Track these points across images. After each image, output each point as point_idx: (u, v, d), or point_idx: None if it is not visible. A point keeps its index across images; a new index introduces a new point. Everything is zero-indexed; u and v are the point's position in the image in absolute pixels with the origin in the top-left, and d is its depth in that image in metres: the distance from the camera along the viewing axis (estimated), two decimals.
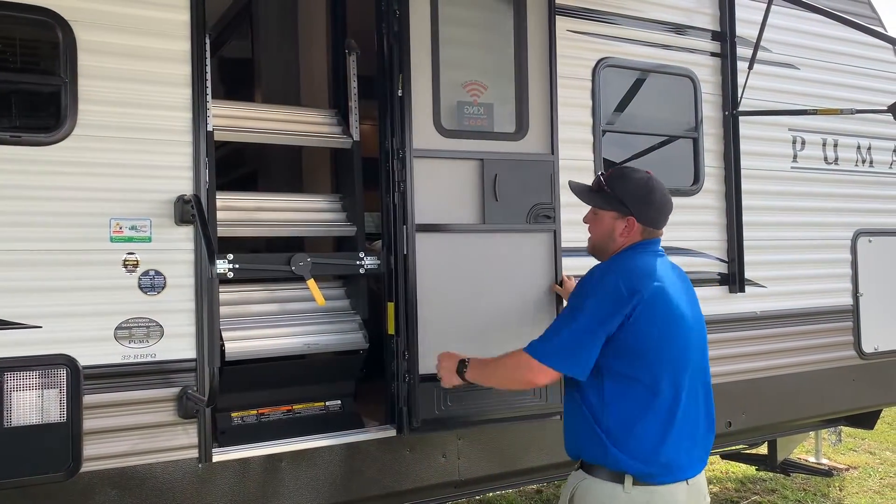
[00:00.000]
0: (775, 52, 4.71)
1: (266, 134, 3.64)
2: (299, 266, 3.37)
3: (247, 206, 3.56)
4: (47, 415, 2.76)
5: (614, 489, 2.43)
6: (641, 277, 2.51)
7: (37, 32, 2.89)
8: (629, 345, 2.46)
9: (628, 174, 2.74)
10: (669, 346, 2.49)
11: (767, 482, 6.31)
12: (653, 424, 2.44)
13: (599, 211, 2.72)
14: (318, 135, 3.78)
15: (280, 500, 3.22)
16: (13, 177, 2.77)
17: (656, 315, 2.47)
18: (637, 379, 2.46)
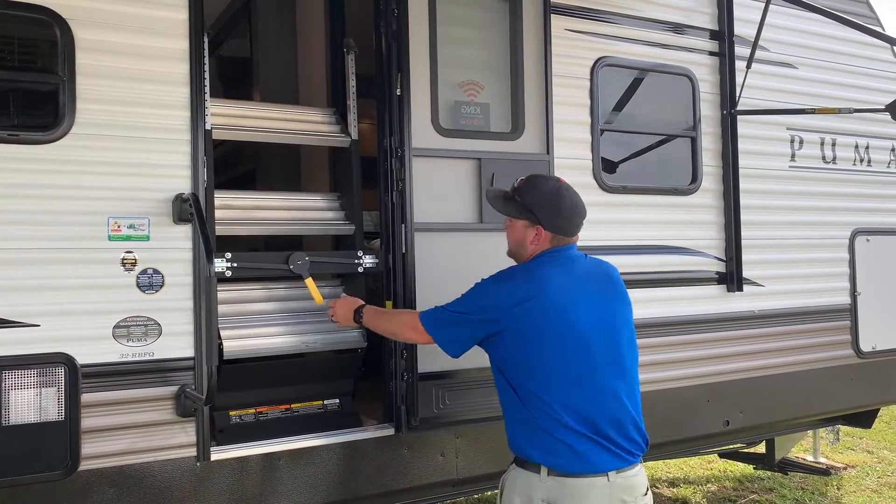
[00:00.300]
0: (773, 52, 4.71)
1: (264, 132, 3.63)
2: (297, 265, 3.35)
3: (245, 205, 3.55)
4: (45, 413, 2.76)
5: (532, 478, 2.57)
6: (527, 293, 2.62)
7: (35, 31, 2.88)
8: (513, 355, 2.62)
9: (538, 183, 2.83)
10: (554, 359, 2.57)
11: (765, 481, 6.32)
12: (552, 424, 2.55)
13: (512, 220, 2.82)
14: (316, 133, 3.76)
15: (278, 499, 3.23)
16: (11, 175, 2.77)
17: (536, 328, 2.58)
18: (529, 386, 2.59)
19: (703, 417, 4.35)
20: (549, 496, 2.54)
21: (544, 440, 2.56)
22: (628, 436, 2.61)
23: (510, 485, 2.66)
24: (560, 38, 3.92)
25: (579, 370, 2.58)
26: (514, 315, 2.61)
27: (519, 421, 2.64)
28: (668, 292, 4.25)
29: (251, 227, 3.52)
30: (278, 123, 3.68)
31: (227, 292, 3.34)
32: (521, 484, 2.60)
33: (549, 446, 2.55)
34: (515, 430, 2.66)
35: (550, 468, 2.54)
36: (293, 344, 3.39)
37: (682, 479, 6.49)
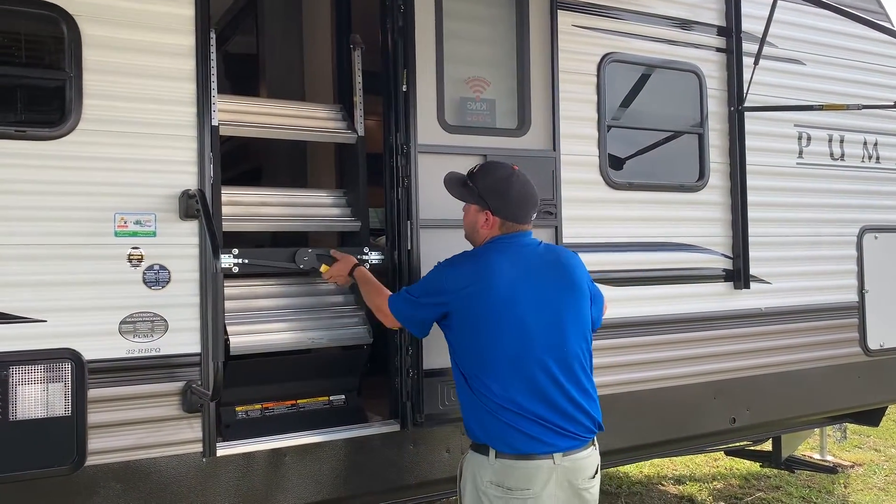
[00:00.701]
0: (781, 48, 4.69)
1: (271, 129, 3.62)
2: (304, 260, 3.36)
3: (252, 201, 3.55)
4: (52, 408, 2.77)
5: (483, 461, 2.65)
6: (472, 278, 2.71)
7: (42, 27, 2.89)
8: (459, 339, 2.74)
9: (491, 169, 2.91)
10: (497, 340, 2.64)
11: (772, 479, 6.30)
12: (496, 407, 2.62)
13: (466, 205, 2.92)
14: (322, 130, 3.75)
15: (284, 495, 3.23)
16: (18, 171, 2.77)
17: (479, 313, 2.66)
18: (473, 370, 2.68)
19: (709, 415, 4.34)
20: (496, 478, 2.61)
21: (490, 423, 2.64)
22: (574, 419, 2.65)
23: (466, 468, 2.76)
24: (567, 34, 3.90)
25: (518, 355, 2.64)
26: (459, 298, 2.70)
27: (467, 404, 2.73)
28: (675, 289, 4.24)
29: (258, 224, 3.52)
30: (285, 120, 3.68)
31: (234, 287, 3.35)
32: (473, 466, 2.70)
33: (495, 429, 2.63)
34: (466, 414, 2.75)
35: (497, 451, 2.62)
36: (299, 340, 3.39)
37: (688, 476, 6.48)
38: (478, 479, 2.65)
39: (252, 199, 3.56)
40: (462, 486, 2.77)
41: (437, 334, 3.36)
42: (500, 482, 2.60)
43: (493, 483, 2.61)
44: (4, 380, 2.70)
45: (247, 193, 3.59)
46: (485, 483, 2.62)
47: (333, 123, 3.79)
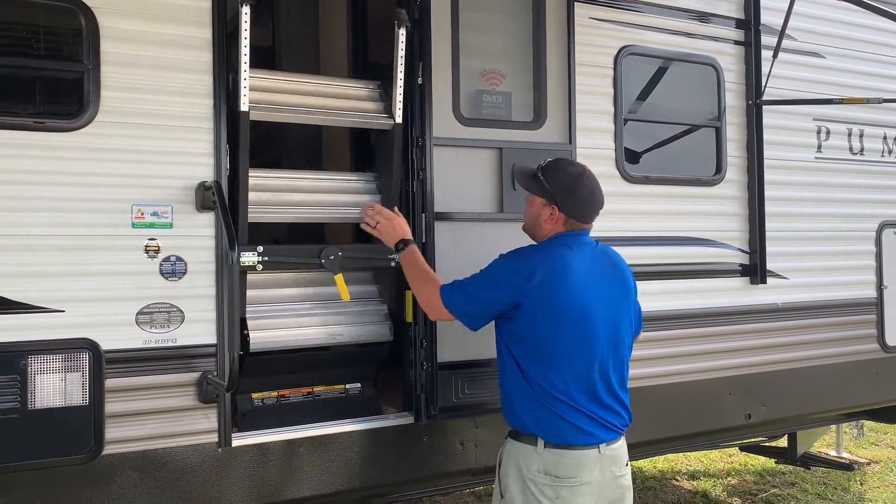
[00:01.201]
0: (800, 41, 4.64)
1: (303, 113, 3.36)
2: (329, 260, 3.27)
3: (278, 186, 3.38)
4: (70, 398, 2.80)
5: (529, 450, 2.71)
6: (545, 272, 2.73)
7: (60, 19, 2.91)
8: (523, 331, 2.74)
9: (562, 166, 2.94)
10: (563, 335, 2.71)
11: (787, 475, 6.27)
12: (551, 399, 2.70)
13: (531, 196, 2.94)
14: (357, 112, 3.47)
15: (298, 485, 3.25)
16: (36, 162, 2.80)
17: (549, 306, 2.71)
18: (534, 362, 2.72)
19: (724, 410, 4.32)
20: (545, 467, 2.68)
21: (544, 414, 2.70)
22: (616, 412, 2.80)
23: (508, 457, 2.78)
24: (583, 27, 3.88)
25: (580, 352, 2.73)
26: (529, 291, 2.72)
27: (519, 393, 2.76)
28: (691, 284, 4.21)
29: (284, 213, 3.37)
30: (318, 101, 3.43)
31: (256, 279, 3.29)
32: (519, 455, 2.74)
33: (549, 420, 2.70)
34: (516, 403, 2.77)
35: (547, 441, 2.69)
36: (320, 336, 3.35)
37: (703, 471, 6.46)
38: (523, 468, 2.71)
39: (279, 184, 3.39)
40: (503, 475, 2.79)
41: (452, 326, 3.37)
42: (549, 471, 2.68)
43: (541, 471, 2.68)
44: (23, 369, 2.73)
45: (274, 177, 3.41)
46: (532, 472, 2.69)
47: (371, 105, 3.53)
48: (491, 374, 3.50)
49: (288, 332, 3.30)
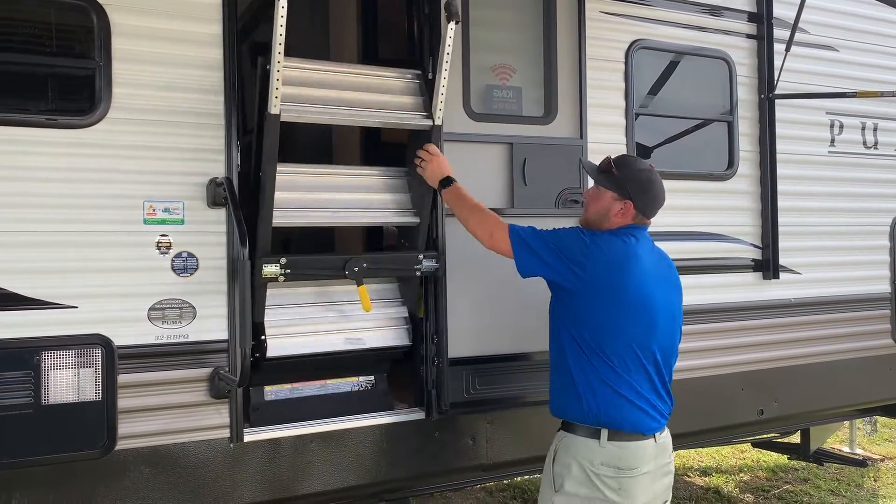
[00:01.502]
0: (813, 34, 4.61)
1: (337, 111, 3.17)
2: (353, 272, 3.17)
3: (305, 184, 3.23)
4: (83, 393, 2.81)
5: (591, 444, 2.74)
6: (619, 256, 2.80)
7: (71, 16, 2.91)
8: (589, 312, 2.78)
9: (634, 163, 3.02)
10: (623, 324, 2.77)
11: (800, 471, 6.24)
12: (619, 383, 2.75)
13: (602, 190, 2.96)
14: (395, 109, 3.29)
15: (310, 481, 3.26)
16: (49, 159, 2.81)
17: (618, 291, 2.77)
18: (601, 345, 2.76)
19: (736, 406, 4.30)
20: (609, 459, 2.72)
21: (610, 398, 2.74)
22: (666, 402, 2.87)
23: (566, 451, 2.79)
24: (594, 21, 3.87)
25: (642, 342, 2.78)
26: (600, 273, 2.77)
27: (583, 377, 2.78)
28: (703, 279, 4.19)
29: (311, 216, 3.23)
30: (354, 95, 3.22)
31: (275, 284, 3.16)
32: (580, 450, 2.75)
33: (615, 405, 2.74)
34: (583, 392, 2.77)
35: (611, 431, 2.72)
36: (338, 342, 3.29)
37: (715, 468, 6.44)
38: (585, 463, 2.73)
39: (306, 181, 3.25)
40: (561, 469, 2.78)
41: (462, 323, 3.37)
42: (612, 463, 2.72)
43: (605, 464, 2.72)
44: (37, 365, 2.74)
45: (301, 172, 3.26)
46: (596, 465, 2.72)
47: (408, 100, 3.33)
48: (501, 369, 3.51)
49: (306, 339, 3.24)
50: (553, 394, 2.95)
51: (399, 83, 3.37)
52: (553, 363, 2.96)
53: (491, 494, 5.58)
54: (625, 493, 2.72)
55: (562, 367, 2.87)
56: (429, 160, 3.21)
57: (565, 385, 2.85)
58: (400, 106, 3.31)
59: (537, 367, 3.57)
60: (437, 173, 3.20)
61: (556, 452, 2.82)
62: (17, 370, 2.72)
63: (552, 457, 2.84)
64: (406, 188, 3.43)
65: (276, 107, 2.89)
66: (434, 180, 3.21)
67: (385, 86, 3.33)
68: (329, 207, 3.26)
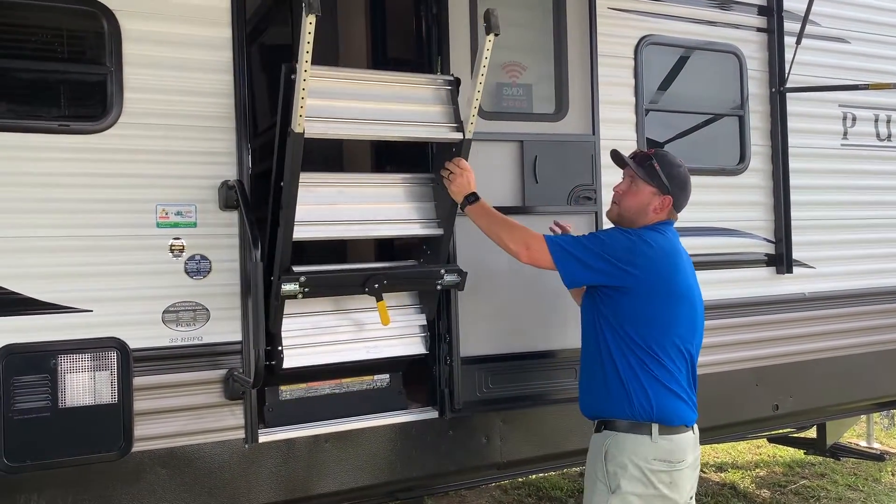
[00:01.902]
0: (825, 26, 4.58)
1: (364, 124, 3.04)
2: (373, 289, 3.10)
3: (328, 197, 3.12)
4: (99, 396, 2.84)
5: (643, 440, 2.71)
6: (663, 255, 2.79)
7: (82, 22, 2.94)
8: (640, 309, 2.75)
9: (670, 158, 2.95)
10: (674, 318, 2.78)
11: (816, 466, 6.20)
12: (668, 376, 2.75)
13: (640, 183, 2.90)
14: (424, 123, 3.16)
15: (324, 480, 3.27)
16: (62, 164, 2.84)
17: (668, 287, 2.76)
18: (651, 340, 2.74)
19: (751, 401, 4.28)
20: (661, 454, 2.70)
21: (662, 395, 2.73)
22: (696, 395, 2.89)
23: (619, 450, 2.73)
24: (603, 17, 3.85)
25: (684, 337, 2.80)
26: (651, 272, 2.75)
27: (632, 375, 2.75)
28: (716, 275, 4.17)
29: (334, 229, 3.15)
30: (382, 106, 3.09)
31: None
32: (633, 448, 2.72)
33: (663, 403, 2.73)
34: (632, 389, 2.74)
35: (661, 425, 2.71)
36: (355, 354, 3.26)
37: (730, 463, 6.41)
38: (640, 461, 2.71)
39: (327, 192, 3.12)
40: (615, 469, 2.72)
41: (474, 321, 3.36)
42: (665, 457, 2.71)
43: (659, 459, 2.70)
44: (53, 368, 2.77)
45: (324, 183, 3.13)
46: (650, 461, 2.70)
47: (437, 109, 3.19)
48: (514, 368, 3.51)
49: (322, 349, 3.20)
50: (590, 395, 2.89)
51: (427, 91, 3.22)
52: (589, 364, 2.90)
53: (506, 492, 5.58)
54: (675, 487, 2.72)
55: (605, 366, 2.81)
56: (458, 174, 3.10)
57: (609, 384, 2.79)
58: (428, 117, 3.18)
59: (550, 366, 3.57)
60: (465, 189, 3.09)
61: (608, 452, 2.75)
62: (34, 374, 2.75)
63: (602, 457, 2.77)
64: (431, 196, 3.32)
65: (300, 125, 2.77)
66: (459, 195, 3.10)
67: (413, 95, 3.18)
68: (351, 220, 3.16)
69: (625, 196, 2.94)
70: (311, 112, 2.81)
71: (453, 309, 3.40)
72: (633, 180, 2.92)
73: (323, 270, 3.15)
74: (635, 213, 2.90)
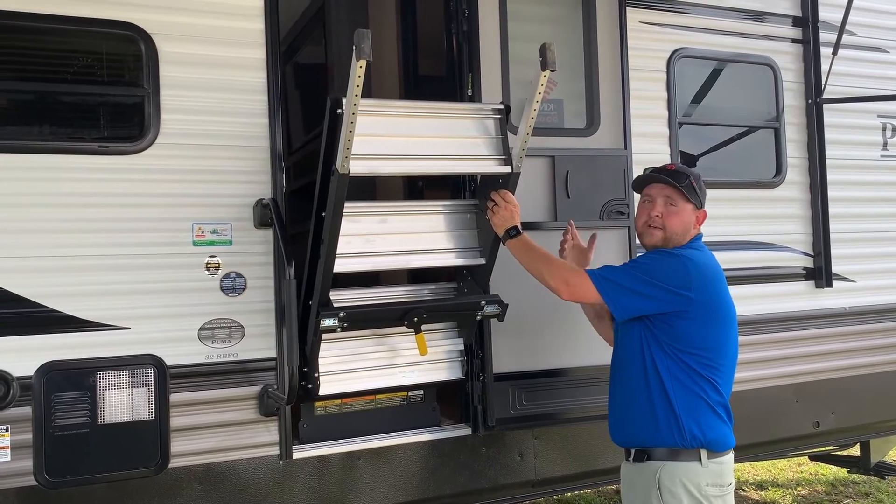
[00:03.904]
0: (862, 36, 4.51)
1: (408, 160, 2.98)
2: (413, 322, 3.07)
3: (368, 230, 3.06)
4: (137, 413, 2.88)
5: (695, 466, 2.65)
6: (714, 277, 2.75)
7: (121, 46, 3.01)
8: (695, 333, 2.68)
9: (695, 172, 2.92)
10: (727, 339, 2.75)
11: (860, 485, 6.04)
12: (715, 399, 2.70)
13: (679, 203, 2.81)
14: (471, 157, 3.08)
15: (358, 497, 3.28)
16: (101, 185, 2.90)
17: (719, 309, 2.73)
18: (701, 366, 2.69)
19: (791, 418, 4.20)
20: (713, 479, 2.66)
21: (711, 420, 2.69)
22: None
23: (672, 479, 2.65)
24: (634, 31, 3.84)
25: (736, 353, 2.80)
26: (705, 295, 2.69)
27: (684, 401, 2.68)
28: (753, 289, 4.11)
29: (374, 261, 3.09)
30: (427, 141, 3.01)
31: None
32: (685, 475, 2.66)
33: (714, 425, 2.69)
34: (683, 415, 2.67)
35: (710, 451, 2.66)
36: (390, 380, 3.25)
37: (771, 481, 6.27)
38: (692, 487, 2.65)
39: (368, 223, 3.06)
40: (671, 500, 2.66)
41: (506, 338, 3.35)
42: (716, 481, 2.67)
43: (711, 484, 2.66)
44: (92, 385, 2.83)
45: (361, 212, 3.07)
46: (703, 487, 2.65)
47: (482, 141, 3.09)
48: (547, 385, 3.48)
49: (358, 375, 3.19)
50: (630, 423, 2.78)
51: (474, 121, 3.12)
52: (629, 392, 2.78)
53: None
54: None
55: (652, 394, 2.71)
56: (502, 206, 3.04)
57: (657, 412, 2.70)
58: (475, 149, 3.08)
59: (584, 382, 3.54)
60: (507, 222, 3.01)
61: (661, 482, 2.66)
62: (73, 391, 2.81)
63: (656, 488, 2.67)
64: (473, 223, 3.26)
65: (346, 167, 2.72)
66: (501, 228, 3.02)
67: (458, 126, 3.08)
68: (392, 251, 3.12)
69: (669, 218, 2.80)
70: (355, 150, 2.75)
71: (486, 326, 3.39)
72: (671, 199, 2.81)
73: (361, 305, 3.11)
74: (682, 233, 2.81)
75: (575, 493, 5.53)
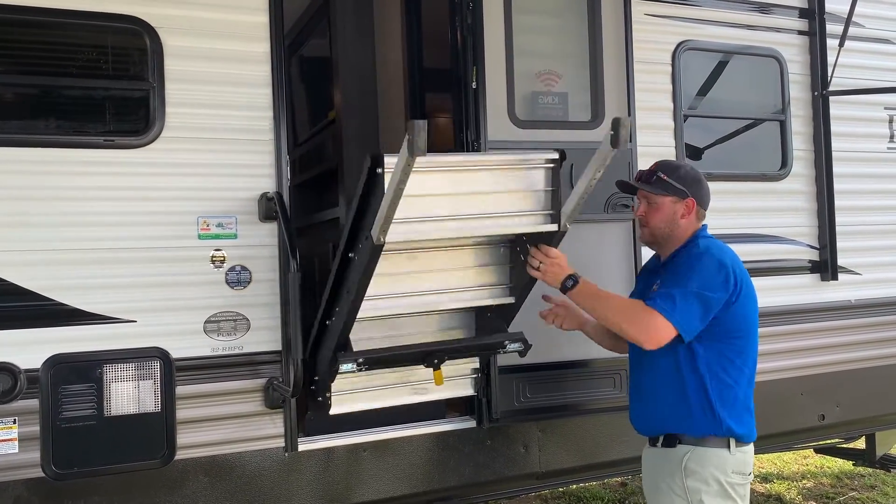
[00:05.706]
0: (869, 27, 4.48)
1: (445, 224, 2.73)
2: (433, 363, 2.97)
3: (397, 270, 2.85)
4: (143, 405, 2.90)
5: (723, 454, 2.72)
6: (744, 271, 2.80)
7: (126, 40, 3.02)
8: (735, 327, 2.75)
9: (677, 163, 3.00)
10: (754, 323, 2.82)
11: (866, 478, 6.04)
12: (745, 391, 2.78)
13: (657, 199, 2.87)
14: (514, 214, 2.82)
15: (363, 489, 3.29)
16: (107, 179, 2.91)
17: (751, 298, 2.80)
18: (735, 354, 2.76)
19: (796, 411, 4.19)
20: (738, 467, 2.74)
21: (741, 412, 2.76)
22: None
23: (700, 465, 2.71)
24: (639, 23, 3.83)
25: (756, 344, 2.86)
26: (739, 290, 2.75)
27: (715, 393, 2.73)
28: (759, 282, 3.97)
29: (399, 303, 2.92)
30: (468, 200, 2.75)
31: None
32: (713, 462, 2.71)
33: (745, 417, 2.77)
34: (717, 404, 2.72)
35: (738, 439, 2.73)
36: (403, 396, 3.18)
37: (776, 474, 6.27)
38: (719, 474, 2.71)
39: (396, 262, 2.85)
40: (696, 484, 2.68)
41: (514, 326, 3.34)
42: (741, 469, 2.74)
43: (736, 472, 2.73)
44: (99, 378, 2.84)
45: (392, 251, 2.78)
46: (730, 475, 2.72)
47: (533, 195, 2.84)
48: (552, 377, 3.49)
49: (370, 394, 3.12)
50: (660, 411, 2.79)
51: (522, 173, 2.85)
52: (659, 381, 2.79)
53: (545, 502, 5.54)
54: (745, 499, 2.75)
55: (685, 382, 2.74)
56: (548, 264, 2.85)
57: (690, 400, 2.73)
58: (520, 205, 2.83)
59: (589, 375, 3.54)
60: (560, 275, 2.83)
61: (687, 467, 2.70)
62: (80, 383, 2.83)
63: (682, 472, 2.71)
64: (507, 258, 3.05)
65: (381, 238, 2.53)
66: (557, 282, 2.85)
67: (505, 180, 2.82)
68: (419, 292, 2.93)
69: (649, 216, 2.88)
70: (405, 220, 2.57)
71: None
72: (649, 198, 2.88)
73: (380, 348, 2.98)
74: (667, 226, 2.86)
75: (579, 485, 5.54)
